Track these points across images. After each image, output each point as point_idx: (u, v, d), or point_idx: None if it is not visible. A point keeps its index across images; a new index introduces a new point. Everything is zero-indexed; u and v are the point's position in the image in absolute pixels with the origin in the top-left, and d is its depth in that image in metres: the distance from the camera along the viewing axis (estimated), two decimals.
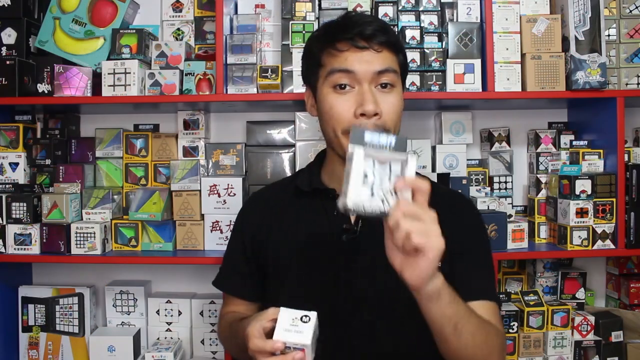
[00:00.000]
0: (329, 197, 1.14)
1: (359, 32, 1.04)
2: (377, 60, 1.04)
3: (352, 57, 1.04)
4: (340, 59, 1.05)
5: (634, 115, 1.82)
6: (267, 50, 1.75)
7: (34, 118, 1.76)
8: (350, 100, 1.05)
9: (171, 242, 1.65)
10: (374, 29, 1.04)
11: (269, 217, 1.21)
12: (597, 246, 1.57)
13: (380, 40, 1.05)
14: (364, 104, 1.02)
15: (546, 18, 1.59)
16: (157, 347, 1.65)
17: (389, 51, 1.07)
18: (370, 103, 1.02)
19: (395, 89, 1.07)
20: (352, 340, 1.08)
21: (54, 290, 1.74)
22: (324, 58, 1.08)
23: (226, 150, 1.73)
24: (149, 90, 1.62)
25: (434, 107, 1.78)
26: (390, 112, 1.05)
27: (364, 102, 1.03)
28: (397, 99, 1.07)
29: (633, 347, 1.64)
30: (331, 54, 1.06)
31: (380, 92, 1.05)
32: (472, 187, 1.70)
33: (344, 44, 1.05)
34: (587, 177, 1.56)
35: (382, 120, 1.04)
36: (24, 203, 1.60)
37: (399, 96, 1.08)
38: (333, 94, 1.06)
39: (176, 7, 1.77)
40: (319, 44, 1.09)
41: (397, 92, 1.08)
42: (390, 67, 1.06)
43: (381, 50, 1.05)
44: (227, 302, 1.29)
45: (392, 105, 1.06)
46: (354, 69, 1.04)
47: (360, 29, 1.04)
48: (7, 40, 1.64)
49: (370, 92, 1.04)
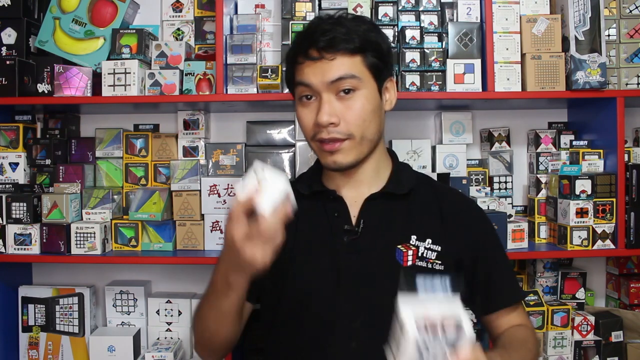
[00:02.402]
0: (329, 198, 1.14)
1: (312, 44, 1.05)
2: (330, 69, 1.04)
3: (308, 70, 1.06)
4: (301, 73, 1.07)
5: (634, 115, 1.82)
6: (267, 50, 1.75)
7: (34, 118, 1.77)
8: (313, 112, 1.07)
9: (171, 242, 1.65)
10: (328, 39, 1.04)
11: None
12: (597, 246, 1.57)
13: (334, 49, 1.04)
14: (318, 115, 1.05)
15: (546, 18, 1.59)
16: (157, 347, 1.65)
17: (345, 56, 1.05)
18: (323, 114, 1.04)
19: (358, 93, 1.06)
20: (351, 342, 1.07)
21: (54, 290, 1.74)
22: (294, 69, 1.10)
23: (226, 150, 1.73)
24: (149, 90, 1.62)
25: (434, 107, 1.78)
26: (353, 118, 1.05)
27: (318, 113, 1.05)
28: (361, 102, 1.06)
29: (633, 347, 1.64)
30: (295, 68, 1.09)
31: (340, 100, 1.05)
32: (472, 187, 1.70)
33: (301, 57, 1.07)
34: (587, 177, 1.56)
35: (343, 128, 1.05)
36: (24, 203, 1.60)
37: (363, 99, 1.06)
38: (300, 106, 1.10)
39: (176, 7, 1.77)
40: (289, 57, 1.12)
41: (361, 95, 1.06)
42: (347, 74, 1.04)
43: (334, 58, 1.04)
44: None
45: (354, 111, 1.05)
46: (310, 82, 1.06)
47: (313, 41, 1.05)
48: (7, 40, 1.64)
49: (328, 102, 1.05)
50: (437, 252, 1.10)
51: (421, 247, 1.10)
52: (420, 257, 1.10)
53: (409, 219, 1.12)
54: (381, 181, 1.15)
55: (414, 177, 1.18)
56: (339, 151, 1.06)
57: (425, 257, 1.10)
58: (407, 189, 1.14)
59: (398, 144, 1.70)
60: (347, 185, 1.14)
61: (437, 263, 1.10)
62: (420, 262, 1.09)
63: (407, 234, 1.10)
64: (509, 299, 1.16)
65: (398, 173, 1.16)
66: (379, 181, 1.14)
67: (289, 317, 1.12)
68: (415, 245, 1.10)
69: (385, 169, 1.17)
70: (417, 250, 1.09)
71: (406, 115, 1.82)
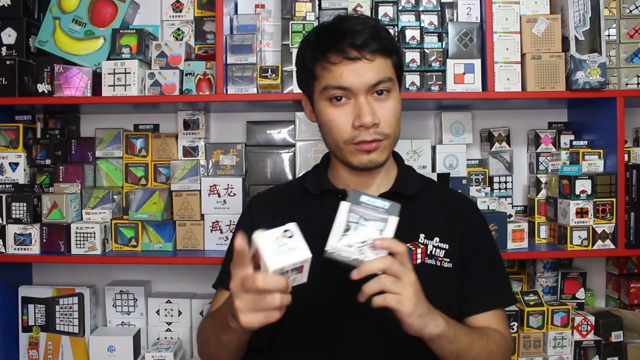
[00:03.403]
0: (338, 197, 1.12)
1: (350, 42, 1.02)
2: (370, 71, 1.03)
3: (346, 72, 1.02)
4: (335, 75, 1.03)
5: (634, 115, 1.82)
6: (267, 50, 1.75)
7: (34, 118, 1.77)
8: (348, 113, 1.04)
9: (171, 242, 1.65)
10: (366, 37, 1.02)
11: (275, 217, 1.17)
12: (597, 246, 1.57)
13: (372, 48, 1.03)
14: (362, 117, 1.02)
15: (546, 18, 1.59)
16: (157, 347, 1.65)
17: (382, 57, 1.05)
18: (367, 115, 1.02)
19: (391, 94, 1.06)
20: (361, 343, 1.07)
21: (54, 290, 1.74)
22: (317, 70, 1.06)
23: (226, 150, 1.73)
24: (149, 90, 1.62)
25: (434, 107, 1.78)
26: (388, 119, 1.05)
27: (361, 114, 1.02)
28: (394, 103, 1.07)
29: (633, 347, 1.64)
30: (324, 67, 1.05)
31: (376, 101, 1.05)
32: (472, 187, 1.70)
33: (335, 56, 1.03)
34: (587, 177, 1.56)
35: (383, 129, 1.05)
36: (24, 203, 1.60)
37: (395, 100, 1.07)
38: (330, 107, 1.06)
39: (176, 7, 1.77)
40: (310, 54, 1.08)
41: (394, 96, 1.07)
42: (385, 77, 1.04)
43: (373, 59, 1.03)
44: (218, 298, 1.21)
45: (390, 111, 1.06)
46: (349, 85, 1.03)
47: (351, 39, 1.02)
48: (7, 40, 1.64)
49: (367, 103, 1.03)
50: (445, 250, 1.11)
51: (430, 245, 1.11)
52: (429, 255, 1.10)
53: (417, 218, 1.12)
54: (389, 181, 1.16)
55: (420, 179, 1.20)
56: (376, 150, 1.06)
57: (434, 255, 1.10)
58: (414, 190, 1.15)
59: (398, 144, 1.68)
60: (357, 184, 1.13)
61: (445, 261, 1.10)
62: (429, 259, 1.10)
63: (416, 233, 1.11)
64: (489, 304, 1.13)
65: (405, 174, 1.18)
66: (387, 181, 1.15)
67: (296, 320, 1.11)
68: (424, 244, 1.10)
69: (392, 170, 1.18)
70: (426, 249, 1.10)
71: (406, 115, 1.79)
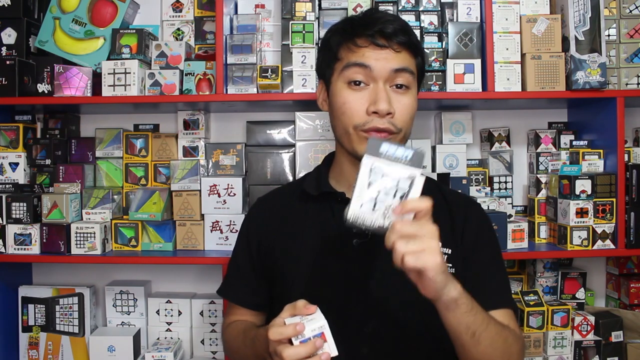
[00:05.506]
0: (337, 200, 1.11)
1: (380, 29, 1.02)
2: (395, 59, 1.03)
3: (370, 54, 1.03)
4: (358, 54, 1.03)
5: (634, 115, 1.82)
6: (267, 50, 1.75)
7: (34, 118, 1.77)
8: (365, 97, 1.03)
9: (171, 242, 1.65)
10: (395, 27, 1.03)
11: (275, 222, 1.18)
12: (597, 246, 1.57)
13: (400, 40, 1.03)
14: (378, 102, 1.01)
15: (546, 18, 1.59)
16: (157, 347, 1.65)
17: (408, 52, 1.05)
18: (384, 102, 1.01)
19: (410, 91, 1.06)
20: (362, 348, 1.05)
21: (54, 290, 1.74)
22: (341, 52, 1.06)
23: (226, 150, 1.73)
24: (149, 90, 1.62)
25: (434, 107, 1.78)
26: (403, 114, 1.04)
27: (377, 100, 1.01)
28: (411, 101, 1.06)
29: (633, 347, 1.64)
30: (349, 49, 1.05)
31: (394, 92, 1.04)
32: (472, 187, 1.70)
33: (363, 40, 1.03)
34: (587, 177, 1.56)
35: (394, 120, 1.03)
36: (24, 203, 1.60)
37: (413, 98, 1.07)
38: (347, 89, 1.05)
39: (176, 7, 1.77)
40: (337, 37, 1.08)
41: (412, 94, 1.06)
42: (408, 68, 1.04)
43: (400, 51, 1.03)
44: (232, 311, 1.24)
45: (406, 107, 1.05)
46: (371, 65, 1.02)
47: (382, 26, 1.02)
48: (7, 40, 1.64)
49: (385, 90, 1.03)
50: (447, 255, 1.08)
51: None
52: None
53: None
54: None
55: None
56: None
57: None
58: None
59: None
60: None
61: (448, 266, 1.08)
62: None
63: None
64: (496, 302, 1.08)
65: None
66: None
67: None
68: None
69: None
70: None
71: None
